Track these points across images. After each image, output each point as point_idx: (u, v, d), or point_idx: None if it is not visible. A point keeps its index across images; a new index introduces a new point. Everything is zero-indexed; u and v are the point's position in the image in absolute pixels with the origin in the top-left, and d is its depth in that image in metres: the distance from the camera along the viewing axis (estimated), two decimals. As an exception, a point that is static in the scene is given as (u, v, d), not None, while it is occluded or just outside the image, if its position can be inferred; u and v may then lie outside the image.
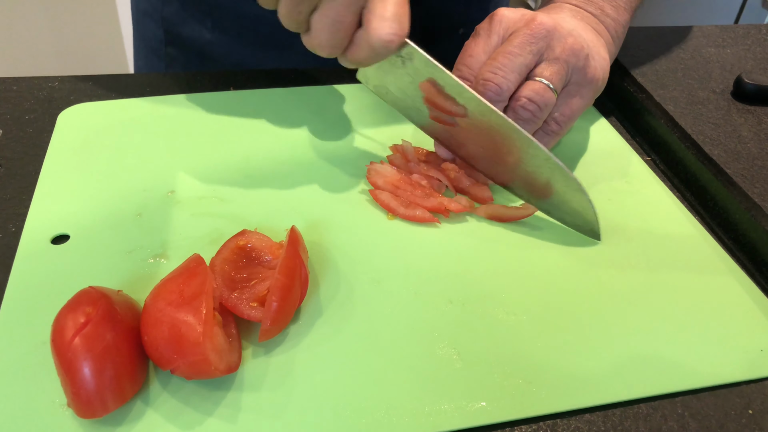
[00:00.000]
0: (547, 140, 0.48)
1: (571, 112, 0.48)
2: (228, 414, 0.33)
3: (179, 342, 0.32)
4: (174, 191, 0.47)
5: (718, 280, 0.43)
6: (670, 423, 0.35)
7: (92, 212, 0.44)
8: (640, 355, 0.38)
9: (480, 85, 0.45)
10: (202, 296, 0.33)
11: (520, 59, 0.45)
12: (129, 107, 0.55)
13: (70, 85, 0.58)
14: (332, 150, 0.52)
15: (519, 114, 0.45)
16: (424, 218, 0.46)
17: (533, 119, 0.46)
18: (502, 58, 0.45)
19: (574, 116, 0.49)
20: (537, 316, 0.40)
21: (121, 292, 0.36)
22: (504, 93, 0.45)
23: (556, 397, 0.35)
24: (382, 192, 0.47)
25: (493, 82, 0.45)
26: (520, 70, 0.45)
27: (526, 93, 0.45)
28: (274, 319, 0.35)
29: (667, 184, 0.52)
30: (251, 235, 0.41)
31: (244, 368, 0.36)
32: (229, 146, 0.51)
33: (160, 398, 0.34)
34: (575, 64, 0.46)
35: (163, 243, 0.43)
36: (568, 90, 0.48)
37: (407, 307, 0.40)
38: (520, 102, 0.45)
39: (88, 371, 0.31)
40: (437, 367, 0.36)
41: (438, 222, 0.46)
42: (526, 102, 0.45)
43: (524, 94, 0.45)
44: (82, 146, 0.50)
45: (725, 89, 0.57)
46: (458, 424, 0.34)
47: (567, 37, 0.46)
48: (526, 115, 0.45)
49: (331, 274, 0.42)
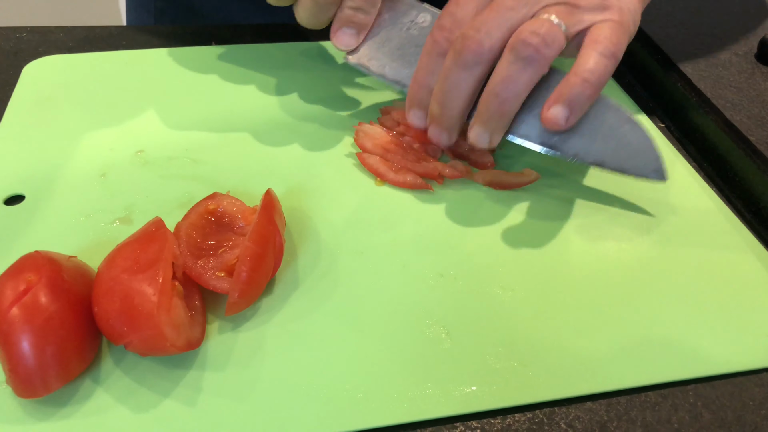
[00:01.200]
0: (577, 95, 0.37)
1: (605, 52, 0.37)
2: (187, 395, 0.30)
3: (132, 314, 0.29)
4: (143, 150, 0.43)
5: (736, 257, 0.39)
6: (681, 413, 0.32)
7: (52, 171, 0.41)
8: (649, 338, 0.34)
9: (457, 43, 0.37)
10: (159, 263, 0.30)
11: (512, 14, 0.37)
12: (100, 61, 0.51)
13: (39, 36, 0.54)
14: (317, 110, 0.48)
15: (519, 52, 0.36)
16: (416, 184, 0.42)
17: (537, 57, 0.36)
18: (489, 11, 0.37)
19: (612, 59, 0.37)
20: (536, 292, 0.36)
21: (74, 258, 0.32)
22: (485, 54, 0.36)
23: (555, 382, 0.32)
24: (370, 156, 0.43)
25: (474, 39, 0.36)
26: (511, 26, 0.37)
27: (524, 29, 0.36)
28: (242, 290, 0.32)
29: (682, 152, 0.48)
30: (222, 198, 0.37)
31: (207, 345, 0.32)
32: (206, 104, 0.47)
33: (111, 376, 0.30)
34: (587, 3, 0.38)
35: (128, 206, 0.39)
36: (590, 32, 0.38)
37: (393, 281, 0.36)
38: (521, 36, 0.36)
39: (26, 345, 0.28)
40: (423, 346, 0.33)
41: (431, 188, 0.42)
42: (528, 35, 0.35)
43: (523, 33, 0.36)
44: (47, 101, 0.46)
45: (749, 51, 0.52)
46: (445, 411, 0.30)
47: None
48: (527, 51, 0.35)
49: (311, 243, 0.38)
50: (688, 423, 0.31)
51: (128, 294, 0.29)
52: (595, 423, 0.31)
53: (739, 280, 0.38)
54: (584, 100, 0.37)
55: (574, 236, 0.40)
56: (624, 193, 0.43)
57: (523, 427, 0.31)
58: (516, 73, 0.36)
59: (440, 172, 0.42)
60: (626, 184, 0.43)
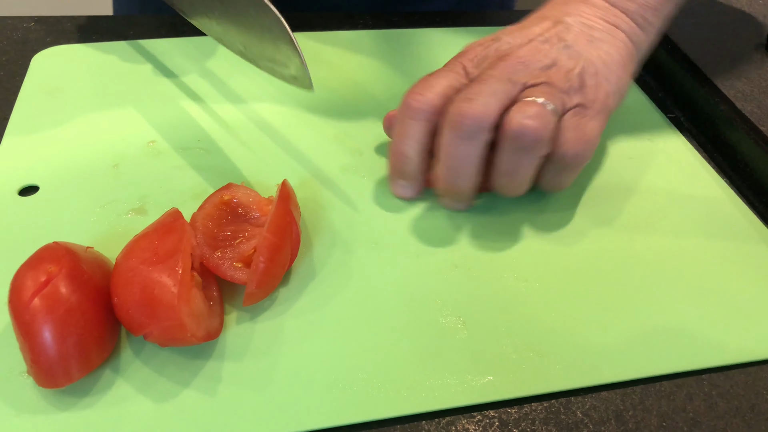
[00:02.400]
0: (565, 177, 0.38)
1: (586, 136, 0.37)
2: (206, 385, 0.30)
3: (152, 304, 0.29)
4: (155, 141, 0.43)
5: (748, 247, 0.39)
6: (696, 403, 0.32)
7: (65, 162, 0.41)
8: (663, 328, 0.34)
9: (453, 116, 0.35)
10: (178, 254, 0.30)
11: (501, 85, 0.36)
12: (109, 51, 0.50)
13: (46, 26, 0.54)
14: (330, 100, 0.48)
15: (518, 143, 0.35)
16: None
17: (535, 148, 0.35)
18: (477, 83, 0.36)
19: (592, 141, 0.37)
20: (550, 282, 0.36)
21: (91, 249, 0.32)
22: (485, 122, 0.35)
23: (572, 372, 0.32)
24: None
25: (470, 111, 0.35)
26: (503, 96, 0.36)
27: (518, 114, 0.35)
28: (260, 281, 0.32)
29: (692, 143, 0.48)
30: (237, 189, 0.37)
31: (226, 335, 0.32)
32: (217, 94, 0.47)
33: (131, 367, 0.31)
34: (570, 87, 0.37)
35: (142, 197, 0.39)
36: (575, 112, 0.37)
37: (408, 271, 0.36)
38: (514, 127, 0.35)
39: (48, 336, 0.28)
40: (440, 337, 0.33)
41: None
42: (525, 125, 0.34)
43: (517, 115, 0.35)
44: (57, 91, 0.46)
45: (759, 42, 0.52)
46: (462, 401, 0.31)
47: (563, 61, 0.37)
48: (526, 142, 0.35)
49: (325, 234, 0.38)
50: (703, 412, 0.32)
51: (148, 285, 0.29)
52: (611, 412, 0.31)
53: (751, 270, 0.38)
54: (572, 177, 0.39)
55: (587, 226, 0.40)
56: (635, 183, 0.43)
57: (539, 416, 0.31)
58: (518, 162, 0.36)
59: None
60: (637, 174, 0.43)
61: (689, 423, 0.31)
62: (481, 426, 0.30)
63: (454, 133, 0.36)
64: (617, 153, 0.45)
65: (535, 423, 0.31)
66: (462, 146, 0.36)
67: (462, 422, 0.30)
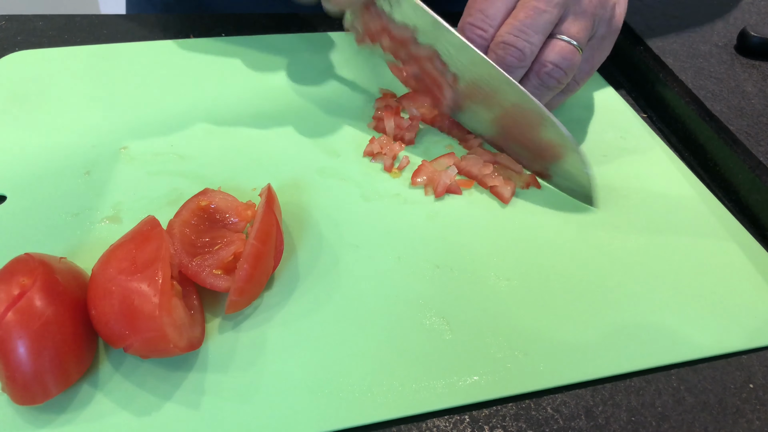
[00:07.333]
0: (561, 97, 0.44)
1: (591, 68, 0.43)
2: (189, 398, 0.29)
3: (132, 315, 0.28)
4: (127, 147, 0.42)
5: (718, 244, 0.40)
6: (664, 397, 0.32)
7: (34, 170, 0.39)
8: (634, 324, 0.35)
9: (499, 48, 0.39)
10: (157, 263, 0.29)
11: (546, 16, 0.39)
12: (79, 55, 0.49)
13: (18, 24, 0.52)
14: (304, 103, 0.47)
15: (545, 82, 0.40)
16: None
17: (559, 86, 0.41)
18: (525, 15, 0.39)
19: (593, 71, 0.44)
20: (531, 281, 0.36)
21: (65, 260, 0.31)
22: (527, 59, 0.39)
23: (555, 370, 0.32)
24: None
25: (516, 47, 0.39)
26: (545, 28, 0.39)
27: (552, 58, 0.40)
28: (242, 289, 0.31)
29: (664, 141, 0.48)
30: (214, 194, 0.36)
31: (208, 345, 0.32)
32: (191, 98, 0.46)
33: (111, 381, 0.30)
34: (602, 16, 0.42)
35: (115, 204, 0.38)
36: (591, 44, 0.43)
37: (390, 274, 0.36)
38: (547, 68, 0.40)
39: (23, 351, 0.27)
40: (425, 339, 0.33)
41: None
42: (553, 69, 0.40)
43: (550, 59, 0.40)
44: (25, 97, 0.45)
45: (728, 43, 0.53)
46: (449, 402, 0.30)
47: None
48: (552, 83, 0.40)
49: (308, 238, 0.37)
50: (672, 407, 0.32)
51: (127, 295, 0.28)
52: (581, 407, 0.31)
53: (721, 266, 0.39)
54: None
55: (564, 226, 0.40)
56: (609, 181, 0.44)
57: (510, 412, 0.31)
58: (540, 96, 0.41)
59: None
60: (611, 173, 0.44)
61: (658, 417, 0.31)
62: (451, 423, 0.30)
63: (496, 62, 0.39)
64: (592, 150, 0.46)
65: (506, 419, 0.31)
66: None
67: (432, 419, 0.30)
